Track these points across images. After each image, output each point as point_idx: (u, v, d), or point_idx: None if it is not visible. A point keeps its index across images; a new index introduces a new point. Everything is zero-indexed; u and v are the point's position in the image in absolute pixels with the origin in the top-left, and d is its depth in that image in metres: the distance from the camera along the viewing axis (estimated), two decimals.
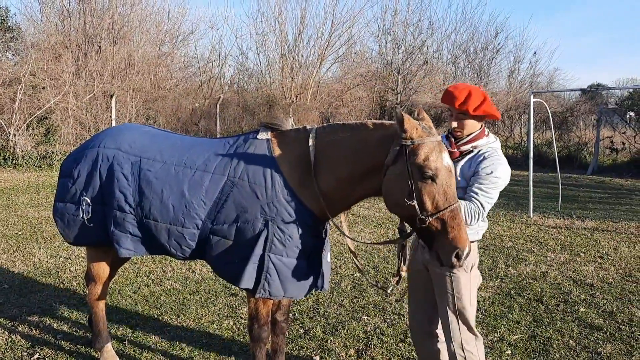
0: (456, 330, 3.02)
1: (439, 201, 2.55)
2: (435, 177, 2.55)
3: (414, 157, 2.57)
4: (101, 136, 3.51)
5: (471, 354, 3.03)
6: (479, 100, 2.91)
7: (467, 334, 3.04)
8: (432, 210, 2.55)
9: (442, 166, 2.57)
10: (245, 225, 2.95)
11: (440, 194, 2.55)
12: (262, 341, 3.14)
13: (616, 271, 6.09)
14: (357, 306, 4.94)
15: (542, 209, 9.89)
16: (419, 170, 2.56)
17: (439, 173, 2.55)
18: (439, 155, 2.58)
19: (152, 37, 22.46)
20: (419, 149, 2.58)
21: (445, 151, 2.63)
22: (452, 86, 3.01)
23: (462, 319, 3.02)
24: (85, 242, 3.51)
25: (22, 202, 10.04)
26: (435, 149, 2.59)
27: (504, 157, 3.00)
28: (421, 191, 2.57)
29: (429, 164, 2.55)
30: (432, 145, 2.59)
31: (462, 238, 2.51)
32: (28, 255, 6.46)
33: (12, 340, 4.11)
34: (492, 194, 2.88)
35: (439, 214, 2.53)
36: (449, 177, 2.59)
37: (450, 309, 3.01)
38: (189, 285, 5.47)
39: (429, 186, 2.55)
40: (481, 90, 2.96)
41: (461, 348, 3.02)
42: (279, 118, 3.16)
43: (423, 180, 2.56)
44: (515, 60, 28.13)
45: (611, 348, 4.11)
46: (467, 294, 3.01)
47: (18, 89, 14.93)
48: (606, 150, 17.46)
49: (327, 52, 23.85)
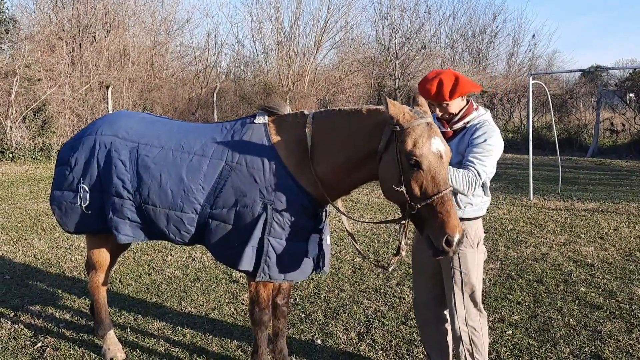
0: (461, 306, 3.03)
1: (427, 188, 2.51)
2: (422, 163, 2.50)
3: (402, 144, 2.53)
4: (98, 123, 3.49)
5: (474, 329, 3.05)
6: (451, 84, 2.88)
7: (472, 310, 3.05)
8: (420, 197, 2.51)
9: (429, 152, 2.51)
10: (244, 210, 2.94)
11: (428, 181, 2.50)
12: (263, 324, 3.15)
13: (616, 251, 6.10)
14: (358, 290, 4.95)
15: (542, 191, 9.89)
16: (406, 156, 2.52)
17: (425, 159, 2.50)
18: (426, 141, 2.52)
19: (147, 26, 22.32)
20: (407, 135, 2.53)
21: (435, 136, 2.56)
22: (423, 79, 2.98)
23: (469, 295, 3.03)
24: (84, 230, 3.50)
25: (21, 195, 10.02)
26: (424, 134, 2.53)
27: (497, 127, 3.01)
28: (409, 178, 2.53)
29: (415, 150, 2.50)
30: (420, 130, 2.53)
31: (452, 224, 2.46)
32: (29, 246, 6.46)
33: (15, 330, 4.12)
34: (487, 163, 2.84)
35: (427, 200, 2.49)
36: (438, 163, 2.53)
37: (456, 285, 3.02)
38: (189, 273, 5.48)
39: (416, 173, 2.51)
40: (451, 72, 2.93)
41: (465, 324, 3.04)
42: (276, 102, 3.13)
43: (410, 167, 2.52)
44: (513, 43, 28.02)
45: (611, 326, 4.12)
46: (474, 269, 3.03)
47: (13, 81, 14.85)
48: (606, 132, 17.42)
49: (324, 39, 23.73)
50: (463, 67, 25.30)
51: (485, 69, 26.17)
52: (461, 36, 27.69)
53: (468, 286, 3.02)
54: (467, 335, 3.05)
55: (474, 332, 3.06)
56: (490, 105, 20.74)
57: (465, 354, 3.08)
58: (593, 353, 3.71)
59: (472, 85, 2.95)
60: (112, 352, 3.64)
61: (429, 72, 3.04)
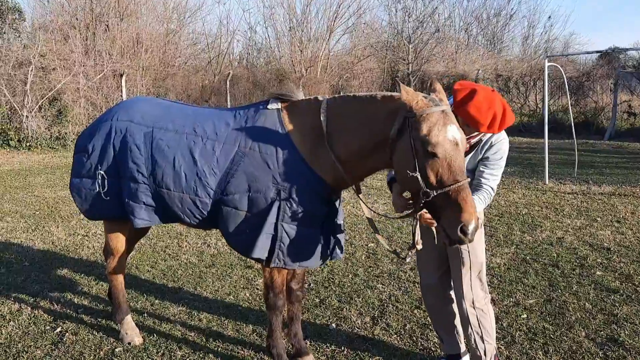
0: (468, 287, 3.03)
1: (443, 176, 2.46)
2: (437, 151, 2.45)
3: (416, 131, 2.49)
4: (114, 109, 3.53)
5: (482, 311, 3.06)
6: (500, 115, 2.69)
7: (479, 292, 3.06)
8: (436, 185, 2.47)
9: (445, 139, 2.45)
10: (258, 195, 2.95)
11: (444, 168, 2.46)
12: (277, 309, 3.18)
13: (633, 235, 6.03)
14: (372, 275, 4.97)
15: (558, 175, 9.78)
16: (421, 143, 2.48)
17: (441, 147, 2.45)
18: (442, 128, 2.47)
19: (159, 14, 22.32)
20: (421, 122, 2.48)
21: (450, 124, 2.50)
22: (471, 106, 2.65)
23: (477, 275, 3.04)
24: (103, 215, 3.55)
25: (39, 183, 10.17)
26: (439, 122, 2.48)
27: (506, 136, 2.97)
28: (425, 165, 2.49)
29: (431, 138, 2.45)
30: (435, 117, 2.48)
31: (468, 213, 2.42)
32: (47, 233, 6.56)
33: (35, 315, 4.21)
34: (499, 175, 2.94)
35: (444, 189, 2.44)
36: (454, 151, 2.47)
37: (464, 266, 3.02)
38: (205, 259, 5.54)
39: (432, 160, 2.47)
40: (499, 99, 2.71)
41: (472, 306, 3.04)
42: (289, 88, 3.11)
43: (426, 154, 2.48)
44: (529, 25, 27.57)
45: (627, 310, 4.09)
46: (481, 249, 3.04)
47: (28, 70, 14.98)
48: (624, 114, 17.12)
49: (336, 24, 23.54)
50: (477, 50, 24.97)
51: (501, 52, 25.82)
52: (475, 19, 27.30)
53: (476, 266, 3.03)
54: (475, 318, 3.05)
55: (482, 314, 3.06)
56: (506, 89, 20.49)
57: (475, 337, 3.08)
58: (609, 337, 3.69)
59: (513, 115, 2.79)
60: (130, 337, 3.71)
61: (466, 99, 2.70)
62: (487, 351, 3.09)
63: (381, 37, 24.10)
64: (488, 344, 3.09)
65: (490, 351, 3.11)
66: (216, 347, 3.67)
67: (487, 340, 3.09)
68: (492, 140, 2.90)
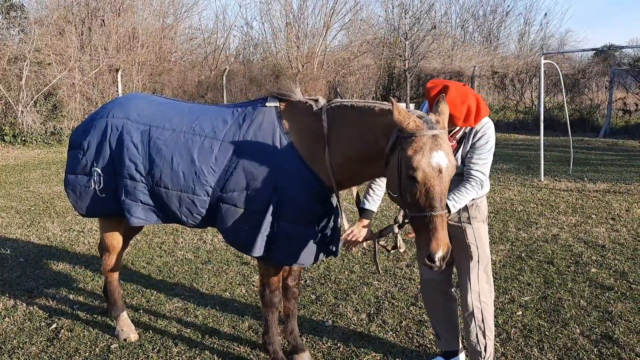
0: (475, 281, 3.06)
1: (420, 200, 2.44)
2: (417, 175, 2.41)
3: (403, 151, 2.47)
4: (109, 106, 3.50)
5: (486, 304, 3.09)
6: (475, 107, 2.75)
7: (484, 285, 3.09)
8: (413, 208, 2.48)
9: (427, 165, 2.40)
10: (255, 193, 2.96)
11: (421, 194, 2.43)
12: (273, 306, 3.18)
13: (628, 232, 6.06)
14: (368, 272, 4.98)
15: (554, 172, 9.81)
16: (405, 165, 2.46)
17: (421, 172, 2.40)
18: (427, 153, 2.41)
19: (155, 9, 22.18)
20: (410, 143, 2.44)
21: (438, 149, 2.44)
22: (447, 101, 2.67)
23: (484, 268, 3.08)
24: (98, 213, 3.54)
25: (34, 179, 10.13)
26: (426, 146, 2.42)
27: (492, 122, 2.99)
28: (405, 186, 2.48)
29: (413, 161, 2.41)
30: (423, 141, 2.43)
31: (436, 242, 2.40)
32: (42, 229, 6.54)
33: (30, 312, 4.20)
34: (489, 159, 2.94)
35: (419, 214, 2.45)
36: (435, 178, 2.42)
37: (472, 260, 3.05)
38: (201, 255, 5.53)
39: (410, 183, 2.45)
40: (472, 93, 2.78)
41: (478, 300, 3.07)
42: (287, 87, 3.10)
43: (407, 176, 2.46)
44: (525, 22, 27.67)
45: (622, 307, 4.11)
46: (487, 242, 3.10)
47: (24, 65, 14.90)
48: (619, 112, 17.19)
49: (333, 20, 23.45)
50: (474, 47, 24.99)
51: (496, 49, 25.85)
52: (472, 16, 27.35)
53: (483, 260, 3.07)
54: (479, 312, 3.06)
55: (486, 308, 3.09)
56: (502, 86, 20.52)
57: (477, 331, 3.09)
58: (603, 334, 3.71)
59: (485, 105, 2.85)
60: (126, 333, 3.71)
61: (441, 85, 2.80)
62: (487, 347, 3.10)
63: (378, 33, 24.05)
64: (489, 339, 3.11)
65: (490, 347, 3.13)
66: (212, 343, 3.67)
67: (489, 336, 3.10)
68: (476, 127, 2.92)
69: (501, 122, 18.70)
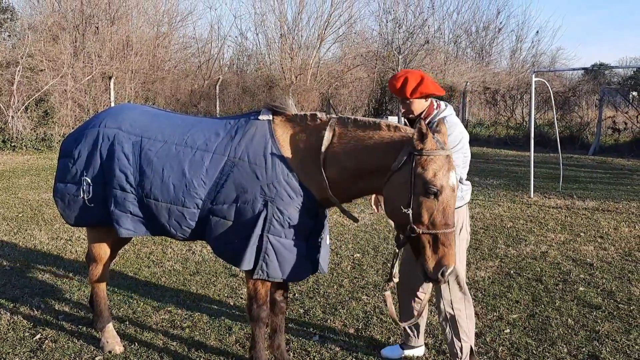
0: (446, 290, 3.28)
1: (436, 218, 2.56)
2: (439, 194, 2.55)
3: (422, 170, 2.56)
4: (102, 116, 3.49)
5: (459, 311, 3.30)
6: (415, 84, 3.04)
7: (456, 293, 3.29)
8: (427, 225, 2.57)
9: (447, 185, 2.57)
10: (245, 206, 2.95)
11: (439, 211, 2.56)
12: (261, 321, 3.16)
13: (616, 251, 6.10)
14: (357, 286, 4.96)
15: (543, 189, 9.87)
16: (423, 183, 2.55)
17: (443, 191, 2.56)
18: (446, 173, 2.58)
19: (150, 17, 22.23)
20: (428, 163, 2.56)
21: (452, 170, 2.62)
22: (393, 76, 3.16)
23: (456, 279, 3.26)
24: (86, 222, 3.51)
25: (22, 185, 10.04)
26: (444, 166, 2.58)
27: (458, 120, 3.20)
28: (421, 204, 2.57)
29: (436, 180, 2.54)
30: (441, 161, 2.58)
31: (451, 256, 2.56)
32: (29, 237, 6.47)
33: (14, 321, 4.14)
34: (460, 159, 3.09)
35: (434, 231, 2.56)
36: (452, 197, 2.60)
37: None
38: (189, 266, 5.49)
39: (430, 201, 2.56)
40: (419, 73, 3.10)
41: (450, 306, 3.29)
42: (280, 100, 3.11)
43: (426, 195, 2.56)
44: (517, 39, 28.00)
45: (609, 326, 4.13)
46: (458, 255, 3.14)
47: (16, 71, 14.82)
48: (608, 130, 17.36)
49: (327, 32, 23.63)
50: (466, 62, 25.22)
51: (488, 65, 26.11)
52: (465, 32, 27.66)
53: (453, 272, 3.09)
54: (453, 318, 3.29)
55: (459, 314, 3.28)
56: (493, 102, 20.69)
57: (451, 334, 3.31)
58: (590, 353, 3.72)
59: (436, 87, 3.10)
60: (111, 345, 3.66)
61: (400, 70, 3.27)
62: (463, 349, 3.32)
63: (371, 46, 24.24)
64: (464, 342, 3.32)
65: (466, 349, 3.33)
66: (198, 357, 3.63)
67: (464, 339, 3.31)
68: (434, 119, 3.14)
69: (492, 138, 18.85)
